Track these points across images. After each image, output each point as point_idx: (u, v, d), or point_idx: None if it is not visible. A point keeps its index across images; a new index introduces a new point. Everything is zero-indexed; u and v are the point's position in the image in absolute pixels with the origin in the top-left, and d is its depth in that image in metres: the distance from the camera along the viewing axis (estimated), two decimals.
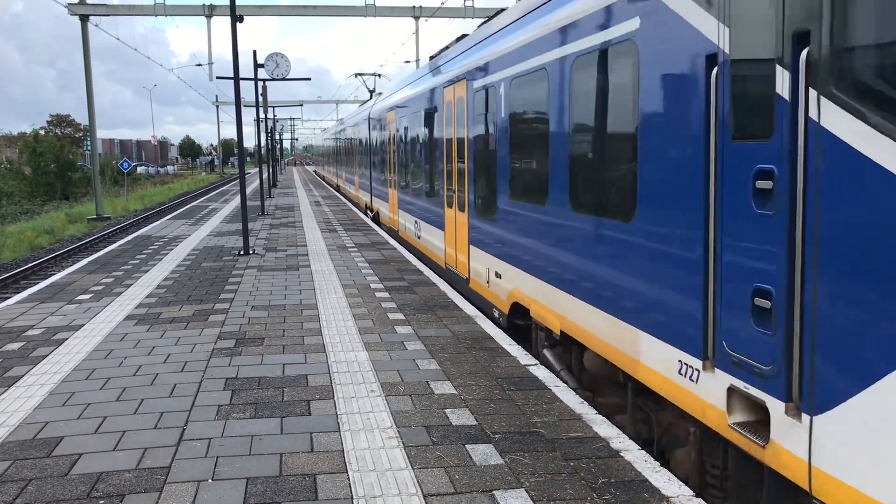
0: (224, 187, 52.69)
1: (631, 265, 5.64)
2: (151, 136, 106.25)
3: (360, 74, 33.69)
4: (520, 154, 8.44)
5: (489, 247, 9.76)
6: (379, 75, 34.62)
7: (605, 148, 6.27)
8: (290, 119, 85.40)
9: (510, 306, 8.90)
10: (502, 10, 10.61)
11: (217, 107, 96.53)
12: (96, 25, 33.76)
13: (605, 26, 5.99)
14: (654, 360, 5.29)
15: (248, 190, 34.26)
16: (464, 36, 13.12)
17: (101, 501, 4.52)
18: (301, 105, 66.82)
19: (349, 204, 31.35)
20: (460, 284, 11.48)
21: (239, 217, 20.50)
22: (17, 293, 13.23)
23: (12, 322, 9.43)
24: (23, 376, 7.07)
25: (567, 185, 6.93)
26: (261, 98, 29.66)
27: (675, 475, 4.79)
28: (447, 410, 5.96)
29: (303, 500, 4.49)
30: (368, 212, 25.42)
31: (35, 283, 15.30)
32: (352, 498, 4.50)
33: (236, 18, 15.42)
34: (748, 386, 4.24)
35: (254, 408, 6.10)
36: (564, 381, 6.87)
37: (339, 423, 5.72)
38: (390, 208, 20.10)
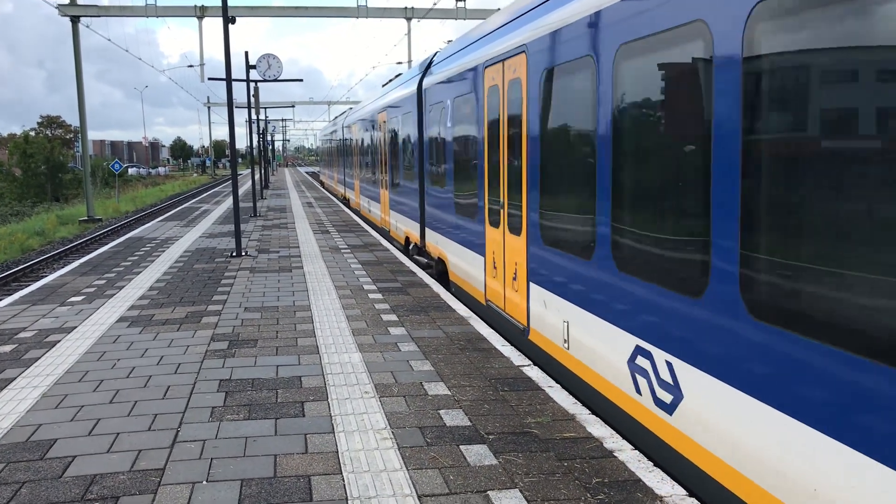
0: (216, 188, 52.57)
1: None
2: (143, 138, 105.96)
3: None
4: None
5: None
6: None
7: None
8: (282, 120, 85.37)
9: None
10: None
11: (209, 108, 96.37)
12: (87, 26, 33.63)
13: None
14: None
15: (241, 191, 34.16)
16: None
17: (96, 503, 4.52)
18: (293, 106, 66.72)
19: (342, 205, 31.32)
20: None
21: (231, 218, 20.45)
22: (9, 295, 13.18)
23: (4, 324, 9.39)
24: (15, 378, 7.05)
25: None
26: (252, 99, 29.60)
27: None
28: (441, 411, 5.98)
29: (297, 502, 4.49)
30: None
31: (26, 285, 15.25)
32: (346, 499, 4.51)
33: (228, 20, 15.40)
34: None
35: (248, 409, 6.10)
36: None
37: (333, 425, 5.72)
38: None
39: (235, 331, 8.82)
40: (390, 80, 20.67)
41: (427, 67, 13.66)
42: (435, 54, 13.88)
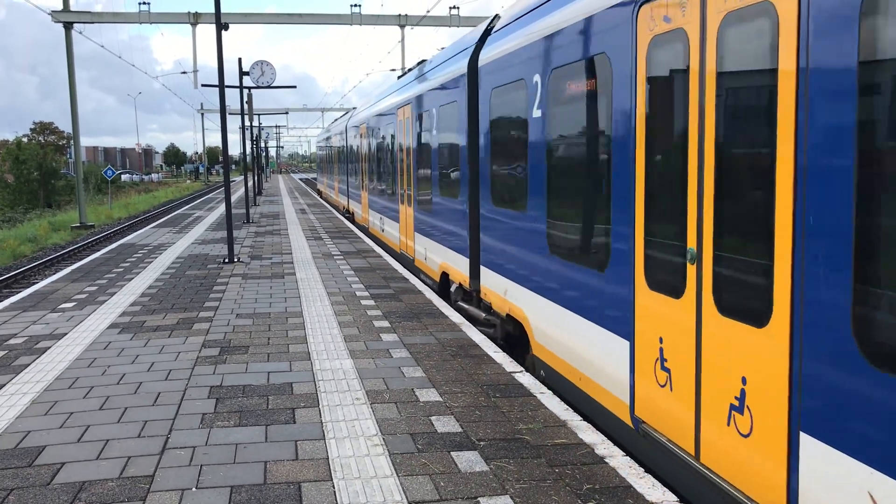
0: (209, 195, 52.48)
1: None
2: (136, 144, 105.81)
3: None
4: None
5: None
6: None
7: None
8: (276, 127, 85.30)
9: None
10: None
11: (202, 115, 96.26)
12: (80, 32, 33.60)
13: None
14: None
15: (233, 198, 34.17)
16: None
17: None
18: (286, 113, 66.65)
19: (335, 211, 31.31)
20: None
21: (223, 225, 20.43)
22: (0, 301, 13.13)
23: None
24: (5, 385, 7.01)
25: None
26: (246, 106, 29.61)
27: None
28: (432, 418, 5.97)
29: None
30: None
31: (18, 292, 15.18)
32: None
33: (221, 26, 15.40)
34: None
35: (238, 416, 6.08)
36: None
37: (324, 431, 5.71)
38: None
39: (227, 337, 8.80)
40: (409, 70, 16.68)
41: (484, 36, 9.72)
42: (494, 18, 9.84)
